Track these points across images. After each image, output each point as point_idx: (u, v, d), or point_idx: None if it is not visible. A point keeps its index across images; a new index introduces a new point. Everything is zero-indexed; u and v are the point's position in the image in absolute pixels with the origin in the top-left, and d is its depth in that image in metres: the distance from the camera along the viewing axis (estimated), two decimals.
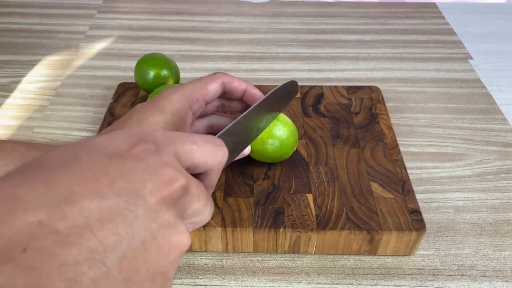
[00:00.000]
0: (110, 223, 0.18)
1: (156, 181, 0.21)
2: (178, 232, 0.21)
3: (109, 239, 0.18)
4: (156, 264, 0.20)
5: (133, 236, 0.19)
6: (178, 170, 0.22)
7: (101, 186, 0.19)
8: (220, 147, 0.27)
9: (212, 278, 0.42)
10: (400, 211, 0.43)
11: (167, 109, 0.39)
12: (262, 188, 0.45)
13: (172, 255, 0.21)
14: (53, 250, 0.16)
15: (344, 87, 0.59)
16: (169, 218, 0.21)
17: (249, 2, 0.89)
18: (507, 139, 0.57)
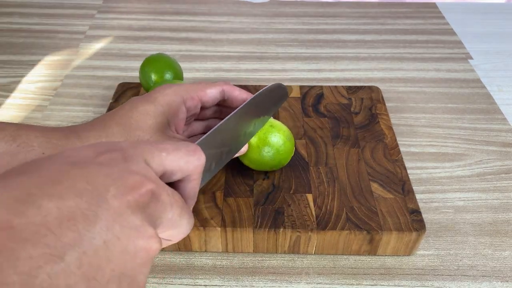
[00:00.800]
0: (69, 222, 0.18)
1: (119, 185, 0.21)
2: (145, 235, 0.21)
3: (68, 236, 0.18)
4: (121, 266, 0.20)
5: (95, 235, 0.19)
6: (145, 175, 0.22)
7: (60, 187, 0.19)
8: (193, 151, 0.26)
9: (212, 278, 0.42)
10: (400, 211, 0.43)
11: (159, 100, 0.39)
12: (262, 188, 0.45)
13: (139, 257, 0.21)
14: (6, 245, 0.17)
15: (344, 87, 0.59)
16: (135, 222, 0.21)
17: (249, 2, 0.89)
18: (507, 139, 0.57)
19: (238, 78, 0.68)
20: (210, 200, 0.44)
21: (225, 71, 0.69)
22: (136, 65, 0.70)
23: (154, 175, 0.23)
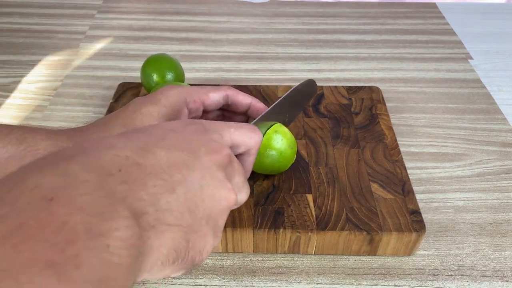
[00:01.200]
0: (175, 166, 0.24)
1: (207, 147, 0.26)
2: (226, 188, 0.26)
3: (176, 176, 0.24)
4: (210, 207, 0.25)
5: (194, 179, 0.25)
6: (223, 144, 0.28)
7: (167, 143, 0.25)
8: (254, 129, 0.32)
9: (212, 278, 0.42)
10: (400, 212, 0.43)
11: (162, 102, 0.40)
12: (262, 189, 0.45)
13: (222, 204, 0.26)
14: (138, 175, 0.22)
15: (345, 87, 0.59)
16: (219, 176, 0.26)
17: (249, 2, 0.89)
18: (507, 139, 0.57)
19: (238, 78, 0.68)
20: None
21: (225, 71, 0.69)
22: (136, 65, 0.70)
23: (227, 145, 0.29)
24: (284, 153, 0.44)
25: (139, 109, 0.39)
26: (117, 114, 0.39)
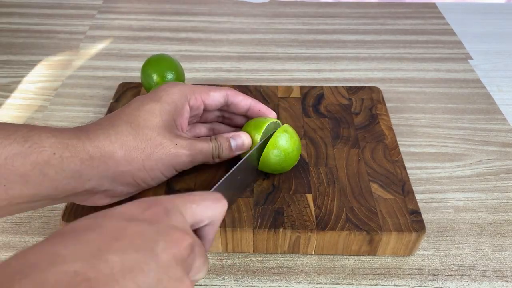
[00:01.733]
0: (130, 274, 0.22)
1: (166, 240, 0.24)
2: (185, 285, 0.24)
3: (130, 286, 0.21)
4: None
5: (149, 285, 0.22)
6: (185, 230, 0.26)
7: (122, 243, 0.23)
8: (218, 200, 0.30)
9: (212, 278, 0.42)
10: (400, 212, 0.43)
11: (164, 99, 0.41)
12: (261, 189, 0.45)
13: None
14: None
15: (345, 87, 0.59)
16: (177, 273, 0.24)
17: (249, 2, 0.89)
18: (507, 139, 0.57)
19: (238, 78, 0.68)
20: None
21: (225, 71, 0.69)
22: (136, 65, 0.70)
23: (189, 228, 0.27)
24: (290, 154, 0.44)
25: (142, 106, 0.40)
26: (121, 112, 0.40)
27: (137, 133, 0.38)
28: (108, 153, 0.37)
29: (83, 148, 0.36)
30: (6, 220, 0.47)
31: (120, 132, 0.38)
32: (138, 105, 0.40)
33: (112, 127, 0.38)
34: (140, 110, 0.40)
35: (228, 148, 0.43)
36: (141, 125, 0.39)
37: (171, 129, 0.40)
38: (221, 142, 0.43)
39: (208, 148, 0.42)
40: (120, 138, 0.38)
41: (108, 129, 0.38)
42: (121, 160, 0.37)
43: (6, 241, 0.45)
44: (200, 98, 0.43)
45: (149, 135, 0.39)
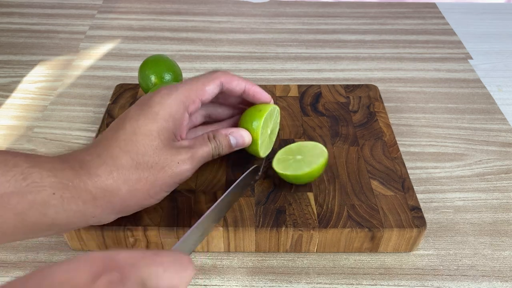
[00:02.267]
0: None
1: None
2: None
3: None
4: None
5: None
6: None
7: None
8: (187, 265, 0.26)
9: (212, 278, 0.42)
10: (401, 208, 0.43)
11: (160, 115, 0.38)
12: (263, 187, 0.45)
13: None
14: None
15: (342, 86, 0.59)
16: None
17: (249, 2, 0.89)
18: (507, 139, 0.58)
19: None
20: (212, 200, 0.44)
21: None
22: (136, 65, 0.70)
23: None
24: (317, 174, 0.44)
25: (139, 129, 0.37)
26: (117, 138, 0.37)
27: (138, 164, 0.36)
28: (112, 192, 0.35)
29: (84, 188, 0.34)
30: None
31: (121, 167, 0.36)
32: (134, 129, 0.37)
33: (112, 160, 0.36)
34: (137, 135, 0.37)
35: (228, 146, 0.42)
36: (140, 153, 0.36)
37: (171, 146, 0.38)
38: (220, 141, 0.42)
39: (209, 151, 0.41)
40: (122, 173, 0.36)
41: (108, 163, 0.36)
42: (125, 196, 0.36)
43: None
44: (197, 100, 0.40)
45: (150, 162, 0.37)
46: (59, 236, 0.45)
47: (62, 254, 0.44)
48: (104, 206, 0.35)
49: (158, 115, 0.38)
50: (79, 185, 0.34)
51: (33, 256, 0.43)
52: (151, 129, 0.37)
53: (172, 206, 0.43)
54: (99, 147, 0.37)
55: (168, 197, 0.44)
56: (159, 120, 0.38)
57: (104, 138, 0.38)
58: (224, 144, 0.42)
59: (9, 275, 0.42)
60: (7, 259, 0.43)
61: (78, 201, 0.34)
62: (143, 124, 0.37)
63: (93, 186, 0.34)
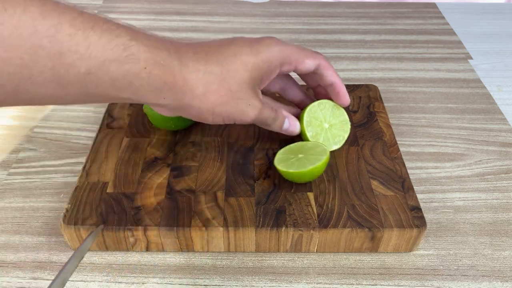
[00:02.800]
0: None
1: None
2: None
3: None
4: None
5: None
6: None
7: None
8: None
9: (212, 278, 0.42)
10: (401, 208, 0.43)
11: (262, 55, 0.41)
12: (263, 188, 0.45)
13: None
14: None
15: None
16: None
17: (249, 2, 0.89)
18: (507, 139, 0.58)
19: None
20: (212, 200, 0.44)
21: None
22: None
23: None
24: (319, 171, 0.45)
25: (240, 55, 0.41)
26: (219, 50, 0.41)
27: (223, 80, 0.39)
28: (190, 85, 0.38)
29: (171, 72, 0.37)
30: (6, 220, 0.47)
31: (209, 72, 0.39)
32: (236, 52, 0.41)
33: (204, 63, 0.39)
34: (236, 58, 0.40)
35: (280, 125, 0.46)
36: (230, 74, 0.40)
37: (254, 86, 0.42)
38: (278, 116, 0.45)
39: (269, 116, 0.44)
40: (207, 77, 0.39)
41: (200, 62, 0.39)
42: (198, 96, 0.39)
43: (6, 241, 0.45)
44: (294, 64, 0.44)
45: (233, 87, 0.40)
46: (59, 236, 0.45)
47: (62, 254, 0.44)
48: (177, 93, 0.38)
49: (259, 53, 0.42)
50: (168, 65, 0.37)
51: (33, 256, 0.43)
52: (249, 61, 0.41)
53: (172, 206, 0.43)
54: (198, 47, 0.40)
55: (168, 197, 0.44)
56: (258, 58, 0.41)
57: (206, 45, 0.41)
58: (279, 121, 0.45)
59: (9, 275, 0.42)
60: (7, 259, 0.43)
61: (161, 80, 0.37)
62: (245, 53, 0.41)
63: (178, 72, 0.37)
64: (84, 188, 0.45)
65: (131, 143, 0.50)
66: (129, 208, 0.43)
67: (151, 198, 0.44)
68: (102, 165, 0.47)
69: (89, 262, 0.43)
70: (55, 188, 0.50)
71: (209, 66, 0.39)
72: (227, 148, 0.50)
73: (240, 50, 0.41)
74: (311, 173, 0.43)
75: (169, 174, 0.46)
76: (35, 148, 0.55)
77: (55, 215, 0.47)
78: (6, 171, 0.52)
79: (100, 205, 0.43)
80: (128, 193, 0.44)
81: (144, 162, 0.48)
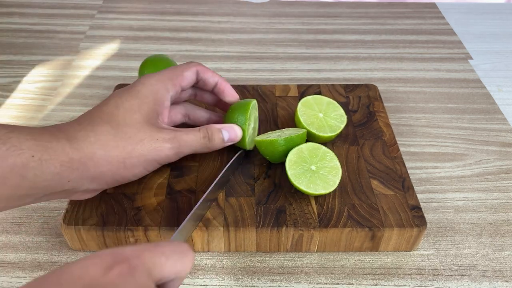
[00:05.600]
0: None
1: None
2: None
3: None
4: None
5: None
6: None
7: None
8: (187, 252, 0.27)
9: (212, 278, 0.42)
10: (401, 208, 0.43)
11: (142, 93, 0.41)
12: (263, 187, 0.45)
13: None
14: None
15: (342, 85, 0.59)
16: None
17: (249, 2, 0.89)
18: (507, 139, 0.58)
19: (238, 78, 0.68)
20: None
21: (225, 71, 0.69)
22: (136, 65, 0.70)
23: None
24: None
25: (121, 104, 0.40)
26: (100, 111, 0.39)
27: (117, 132, 0.38)
28: (87, 154, 0.37)
29: (62, 150, 0.36)
30: (6, 220, 0.47)
31: (99, 133, 0.38)
32: (117, 103, 0.40)
33: (91, 128, 0.38)
34: (119, 108, 0.39)
35: (220, 140, 0.44)
36: (120, 124, 0.39)
37: (152, 123, 0.40)
38: (212, 133, 0.43)
39: (196, 139, 0.42)
40: (99, 138, 0.38)
41: (87, 130, 0.38)
42: (100, 161, 0.37)
43: (6, 241, 0.45)
44: (178, 83, 0.43)
45: (129, 132, 0.39)
46: (59, 236, 0.45)
47: (62, 254, 0.44)
48: (80, 169, 0.37)
49: (139, 93, 0.41)
50: (57, 146, 0.35)
51: (33, 256, 0.43)
52: (133, 104, 0.40)
53: (172, 206, 0.43)
54: (81, 118, 0.39)
55: (168, 197, 0.44)
56: (141, 97, 0.40)
57: (87, 113, 0.40)
58: (217, 137, 0.44)
59: (9, 275, 0.42)
60: (7, 259, 0.43)
61: (56, 163, 0.35)
62: (126, 100, 0.40)
63: (70, 148, 0.36)
64: None
65: None
66: (129, 209, 0.43)
67: (152, 198, 0.44)
68: None
69: None
70: None
71: (97, 127, 0.38)
72: (227, 148, 0.50)
73: (121, 99, 0.40)
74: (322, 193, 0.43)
75: (169, 174, 0.46)
76: None
77: (55, 215, 0.47)
78: None
79: (100, 205, 0.43)
80: (128, 193, 0.44)
81: None
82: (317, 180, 0.43)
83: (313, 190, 0.42)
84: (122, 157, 0.38)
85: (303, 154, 0.44)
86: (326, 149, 0.45)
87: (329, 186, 0.43)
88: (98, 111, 0.40)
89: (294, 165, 0.43)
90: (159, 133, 0.40)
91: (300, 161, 0.44)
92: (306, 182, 0.42)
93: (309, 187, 0.42)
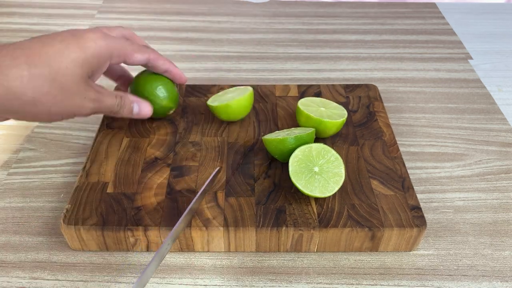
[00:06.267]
0: None
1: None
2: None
3: None
4: None
5: None
6: None
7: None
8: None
9: (212, 278, 0.42)
10: (401, 208, 0.43)
11: (91, 51, 0.40)
12: (263, 187, 0.45)
13: None
14: None
15: (342, 85, 0.59)
16: None
17: (249, 2, 0.89)
18: (507, 139, 0.58)
19: (238, 78, 0.68)
20: (212, 200, 0.44)
21: (225, 71, 0.69)
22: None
23: None
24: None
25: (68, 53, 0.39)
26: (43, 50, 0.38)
27: (54, 80, 0.38)
28: (16, 93, 0.37)
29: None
30: (6, 220, 0.47)
31: (36, 76, 0.37)
32: (62, 50, 0.39)
33: (28, 67, 0.37)
34: (63, 57, 0.39)
35: (129, 111, 0.46)
36: (61, 73, 0.38)
37: (86, 80, 0.41)
38: (125, 103, 0.45)
39: (112, 104, 0.44)
40: (34, 82, 0.37)
41: (22, 69, 0.37)
42: (28, 102, 0.38)
43: (6, 241, 0.45)
44: (123, 57, 0.44)
45: (66, 84, 0.39)
46: (59, 236, 0.45)
47: (62, 254, 0.44)
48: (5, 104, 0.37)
49: (88, 49, 0.40)
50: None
51: (33, 256, 0.43)
52: (79, 58, 0.40)
53: (172, 206, 0.43)
54: (17, 50, 0.38)
55: (168, 197, 0.44)
56: (87, 54, 0.40)
57: (26, 46, 0.39)
58: (127, 107, 0.46)
59: (9, 275, 0.42)
60: (7, 259, 0.43)
61: None
62: (73, 50, 0.39)
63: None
64: (84, 188, 0.45)
65: (131, 143, 0.50)
66: (129, 208, 0.43)
67: (151, 198, 0.44)
68: (102, 165, 0.47)
69: (89, 262, 0.43)
70: (55, 188, 0.50)
71: (35, 69, 0.37)
72: (227, 148, 0.50)
73: (67, 48, 0.39)
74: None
75: (169, 174, 0.46)
76: (35, 148, 0.55)
77: (55, 215, 0.47)
78: (6, 171, 0.52)
79: (100, 205, 0.43)
80: (128, 193, 0.44)
81: (144, 162, 0.48)
82: (316, 182, 0.43)
83: (309, 191, 0.42)
84: (50, 104, 0.39)
85: (311, 153, 0.44)
86: (336, 155, 0.44)
87: (327, 191, 0.42)
88: (39, 49, 0.38)
89: (298, 162, 0.43)
90: (87, 92, 0.41)
91: (305, 160, 0.44)
92: (304, 182, 0.42)
93: (306, 187, 0.42)
